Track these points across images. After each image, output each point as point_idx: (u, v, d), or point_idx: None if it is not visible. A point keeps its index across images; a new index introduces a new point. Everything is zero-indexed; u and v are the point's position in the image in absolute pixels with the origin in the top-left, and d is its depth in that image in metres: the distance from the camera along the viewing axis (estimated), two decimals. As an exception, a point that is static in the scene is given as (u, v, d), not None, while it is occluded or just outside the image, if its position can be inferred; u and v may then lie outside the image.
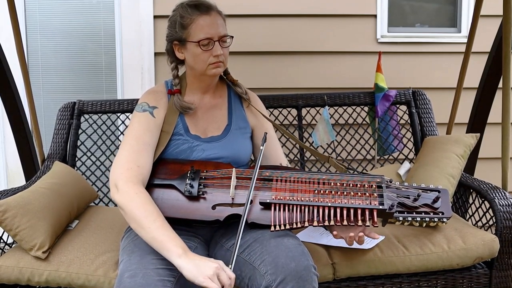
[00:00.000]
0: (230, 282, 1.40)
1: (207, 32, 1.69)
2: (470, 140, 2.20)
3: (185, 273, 1.41)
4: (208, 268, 1.39)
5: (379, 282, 1.85)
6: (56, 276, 1.76)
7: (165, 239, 1.46)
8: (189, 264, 1.41)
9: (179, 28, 1.73)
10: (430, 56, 3.04)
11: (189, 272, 1.40)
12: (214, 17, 1.72)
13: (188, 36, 1.71)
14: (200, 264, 1.41)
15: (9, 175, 3.04)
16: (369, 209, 1.57)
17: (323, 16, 2.98)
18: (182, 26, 1.72)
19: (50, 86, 3.05)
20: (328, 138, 2.53)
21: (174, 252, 1.44)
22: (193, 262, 1.41)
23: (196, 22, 1.70)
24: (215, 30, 1.70)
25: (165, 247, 1.45)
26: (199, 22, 1.70)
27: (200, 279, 1.38)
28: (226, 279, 1.39)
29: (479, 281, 1.91)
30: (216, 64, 1.73)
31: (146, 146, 1.68)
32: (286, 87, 2.99)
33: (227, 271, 1.41)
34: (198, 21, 1.70)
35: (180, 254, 1.43)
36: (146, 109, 1.75)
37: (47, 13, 3.00)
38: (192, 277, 1.39)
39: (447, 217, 1.66)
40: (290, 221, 1.58)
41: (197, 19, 1.70)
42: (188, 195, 1.65)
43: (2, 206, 1.76)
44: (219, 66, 1.74)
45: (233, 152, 1.79)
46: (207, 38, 1.69)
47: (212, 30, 1.69)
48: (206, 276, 1.38)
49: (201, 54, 1.71)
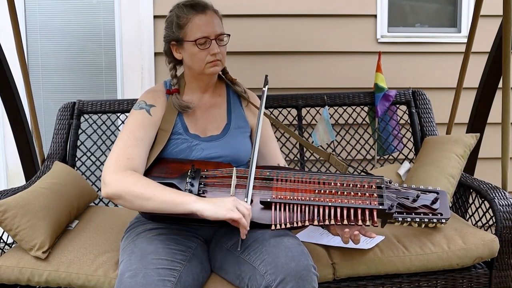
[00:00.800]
0: (249, 212, 1.50)
1: (204, 31, 1.70)
2: (470, 140, 2.20)
3: (207, 213, 1.47)
4: (226, 202, 1.49)
5: (379, 282, 1.85)
6: (56, 276, 1.76)
7: (174, 195, 1.53)
8: (208, 204, 1.49)
9: (176, 28, 1.73)
10: (430, 56, 3.04)
11: (210, 211, 1.47)
12: (210, 16, 1.72)
13: (185, 36, 1.72)
14: (218, 201, 1.50)
15: (9, 175, 3.04)
16: (369, 209, 1.57)
17: (323, 16, 2.98)
18: (179, 26, 1.72)
19: (50, 86, 3.06)
20: (328, 138, 2.54)
21: (189, 200, 1.50)
22: (211, 202, 1.50)
23: (193, 22, 1.70)
24: (211, 29, 1.70)
25: (178, 201, 1.51)
26: (195, 21, 1.70)
27: (223, 213, 1.46)
28: (245, 209, 1.49)
29: (479, 281, 1.91)
30: (214, 63, 1.73)
31: (138, 141, 1.68)
32: (286, 87, 2.99)
33: (243, 203, 1.51)
34: (194, 20, 1.70)
35: (195, 200, 1.50)
36: (143, 107, 1.76)
37: (47, 13, 3.00)
38: (214, 214, 1.47)
39: (446, 218, 1.66)
40: (291, 220, 1.59)
41: (193, 18, 1.71)
42: (188, 194, 1.65)
43: (2, 206, 1.76)
44: (217, 65, 1.74)
45: (233, 151, 1.79)
46: (204, 37, 1.69)
47: (209, 28, 1.70)
48: (227, 209, 1.47)
49: (198, 53, 1.71)
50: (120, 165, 1.60)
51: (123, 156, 1.63)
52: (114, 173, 1.58)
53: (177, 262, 1.55)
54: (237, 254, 1.59)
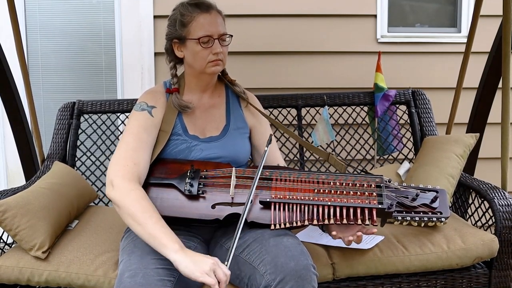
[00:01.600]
0: (226, 279, 1.40)
1: (207, 30, 1.70)
2: (469, 140, 2.20)
3: (182, 269, 1.41)
4: (204, 264, 1.40)
5: (379, 282, 1.85)
6: (56, 276, 1.76)
7: (161, 235, 1.47)
8: (186, 259, 1.41)
9: (179, 26, 1.73)
10: (430, 56, 3.04)
11: (186, 268, 1.40)
12: (214, 15, 1.73)
13: (188, 34, 1.72)
14: (197, 259, 1.41)
15: (9, 175, 3.04)
16: (368, 208, 1.57)
17: (323, 16, 2.98)
18: (183, 24, 1.73)
19: (50, 86, 3.06)
20: (327, 138, 2.54)
21: (171, 248, 1.44)
22: (190, 258, 1.42)
23: (197, 20, 1.71)
24: (215, 28, 1.71)
25: (162, 242, 1.45)
26: (199, 20, 1.71)
27: (197, 274, 1.38)
28: (222, 275, 1.40)
29: (479, 281, 1.91)
30: (215, 62, 1.73)
31: (143, 143, 1.68)
32: (286, 87, 2.99)
33: (222, 267, 1.42)
34: (199, 18, 1.71)
35: (177, 250, 1.43)
36: (145, 108, 1.76)
37: (47, 13, 3.00)
38: (189, 272, 1.39)
39: (445, 217, 1.66)
40: (290, 220, 1.59)
41: (197, 17, 1.71)
42: (187, 194, 1.65)
43: (2, 206, 1.77)
44: (218, 64, 1.74)
45: (232, 152, 1.79)
46: (207, 36, 1.70)
47: (212, 28, 1.71)
48: (203, 271, 1.38)
49: (200, 51, 1.71)
50: (128, 171, 1.60)
51: (130, 160, 1.62)
52: (122, 179, 1.57)
53: (177, 262, 1.54)
54: (236, 254, 1.59)
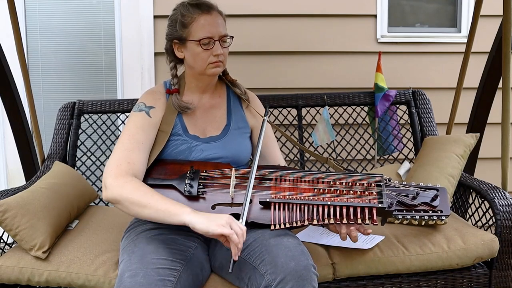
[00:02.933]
0: (242, 232, 1.44)
1: (208, 31, 1.69)
2: (470, 140, 2.20)
3: (198, 226, 1.44)
4: (219, 218, 1.45)
5: (379, 282, 1.85)
6: (56, 276, 1.76)
7: (169, 206, 1.50)
8: (201, 218, 1.46)
9: (180, 27, 1.73)
10: (430, 56, 3.04)
11: (201, 224, 1.44)
12: (215, 16, 1.72)
13: (188, 35, 1.71)
14: (212, 216, 1.47)
15: (9, 175, 3.04)
16: (368, 207, 1.57)
17: (323, 16, 2.98)
18: (183, 25, 1.72)
19: (50, 86, 3.06)
20: (328, 138, 2.54)
21: (183, 212, 1.48)
22: (205, 216, 1.46)
23: (197, 21, 1.70)
24: (216, 30, 1.70)
25: (173, 211, 1.49)
26: (200, 21, 1.70)
27: (214, 227, 1.42)
28: (239, 229, 1.43)
29: (479, 281, 1.91)
30: (216, 64, 1.73)
31: (139, 144, 1.68)
32: (286, 87, 2.99)
33: (238, 223, 1.46)
34: (200, 20, 1.70)
35: (189, 212, 1.48)
36: (142, 109, 1.76)
37: (47, 13, 3.00)
38: (205, 228, 1.43)
39: (446, 215, 1.66)
40: (290, 220, 1.59)
41: (198, 18, 1.70)
42: (187, 195, 1.65)
43: (2, 206, 1.77)
44: (219, 66, 1.74)
45: (232, 152, 1.79)
46: (208, 37, 1.69)
47: (213, 29, 1.70)
48: (219, 224, 1.43)
49: (201, 53, 1.71)
50: (121, 170, 1.60)
51: (124, 160, 1.63)
52: (115, 178, 1.58)
53: (177, 262, 1.55)
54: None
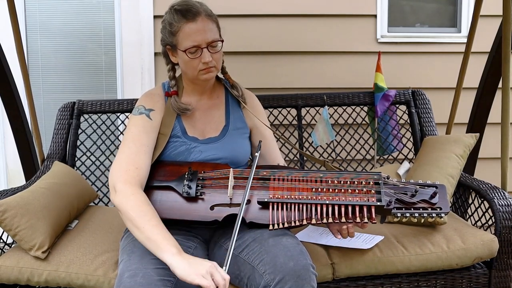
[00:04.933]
0: (225, 283, 1.37)
1: (194, 40, 1.66)
2: (469, 140, 2.20)
3: (178, 272, 1.39)
4: (201, 267, 1.38)
5: (379, 282, 1.85)
6: (55, 276, 1.76)
7: (159, 238, 1.45)
8: (183, 262, 1.39)
9: (169, 35, 1.72)
10: (430, 56, 3.04)
11: (181, 270, 1.38)
12: (201, 23, 1.68)
13: (177, 43, 1.70)
14: (194, 262, 1.40)
15: (9, 175, 3.04)
16: (367, 205, 1.56)
17: (323, 16, 2.98)
18: (171, 33, 1.71)
19: (50, 86, 3.06)
20: (327, 138, 2.54)
21: (168, 251, 1.42)
22: (187, 261, 1.40)
23: (183, 31, 1.68)
24: (202, 37, 1.67)
25: (159, 246, 1.44)
26: (185, 30, 1.67)
27: (192, 277, 1.36)
28: (221, 279, 1.37)
29: (479, 281, 1.91)
30: (207, 70, 1.71)
31: (144, 147, 1.68)
32: (286, 87, 2.99)
33: (220, 271, 1.39)
34: (185, 29, 1.67)
35: (174, 253, 1.42)
36: (143, 112, 1.76)
37: (47, 13, 3.00)
38: (185, 275, 1.37)
39: (445, 212, 1.65)
40: (289, 219, 1.58)
41: (183, 27, 1.67)
42: (186, 196, 1.65)
43: (1, 206, 1.77)
44: (210, 71, 1.72)
45: (231, 152, 1.79)
46: (194, 46, 1.67)
47: (199, 37, 1.66)
48: (198, 273, 1.36)
49: (190, 61, 1.70)
50: (130, 176, 1.60)
51: (132, 165, 1.63)
52: (124, 184, 1.57)
53: (176, 262, 1.54)
54: (236, 254, 1.60)
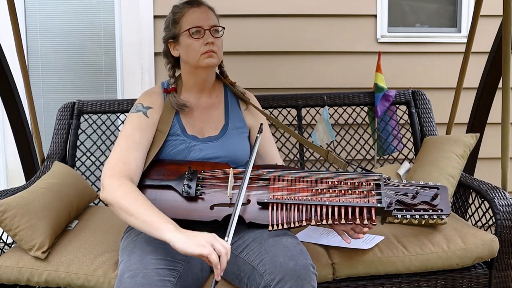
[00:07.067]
0: (226, 251, 1.38)
1: (197, 22, 1.73)
2: (469, 140, 2.20)
3: (179, 246, 1.38)
4: (201, 237, 1.38)
5: (379, 282, 1.85)
6: (55, 276, 1.76)
7: (154, 219, 1.45)
8: (182, 236, 1.39)
9: (172, 25, 1.78)
10: (430, 56, 3.04)
11: (182, 244, 1.38)
12: (205, 10, 1.76)
13: (180, 29, 1.75)
14: (193, 234, 1.40)
15: (9, 175, 3.04)
16: (367, 207, 1.56)
17: (323, 16, 2.98)
18: (175, 21, 1.77)
19: (50, 86, 3.06)
20: (327, 138, 2.54)
21: (166, 228, 1.42)
22: (185, 235, 1.40)
23: (187, 15, 1.75)
24: (205, 21, 1.73)
25: (156, 226, 1.43)
26: (189, 13, 1.75)
27: (192, 248, 1.36)
28: (222, 248, 1.37)
29: (479, 281, 1.91)
30: (208, 54, 1.72)
31: (135, 144, 1.68)
32: (286, 87, 2.99)
33: (221, 241, 1.39)
34: (189, 13, 1.75)
35: (172, 230, 1.41)
36: (140, 110, 1.76)
37: (47, 13, 3.00)
38: (185, 247, 1.37)
39: (446, 214, 1.65)
40: (288, 220, 1.58)
41: (187, 11, 1.75)
42: (185, 195, 1.64)
43: (1, 206, 1.77)
44: (212, 56, 1.73)
45: (231, 152, 1.79)
46: (197, 26, 1.72)
47: (202, 20, 1.73)
48: (199, 244, 1.36)
49: (192, 43, 1.72)
50: (117, 171, 1.59)
51: (120, 161, 1.63)
52: (110, 178, 1.57)
53: (176, 262, 1.55)
54: (235, 254, 1.60)
